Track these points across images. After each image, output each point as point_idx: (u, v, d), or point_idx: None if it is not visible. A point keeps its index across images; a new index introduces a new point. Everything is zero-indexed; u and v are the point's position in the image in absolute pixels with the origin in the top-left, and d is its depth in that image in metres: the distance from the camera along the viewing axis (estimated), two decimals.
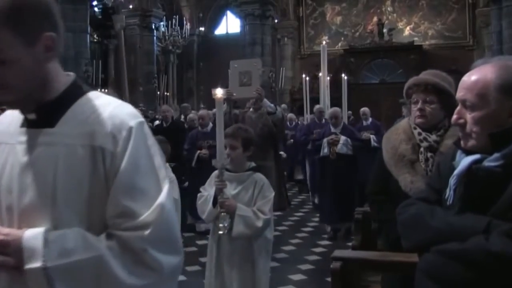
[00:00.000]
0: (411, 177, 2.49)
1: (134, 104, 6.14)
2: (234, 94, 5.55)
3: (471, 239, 1.42)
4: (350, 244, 4.43)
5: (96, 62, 14.82)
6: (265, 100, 5.57)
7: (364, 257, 2.37)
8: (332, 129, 7.04)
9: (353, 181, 6.93)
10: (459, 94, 1.61)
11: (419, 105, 2.55)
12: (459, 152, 1.64)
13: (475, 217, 1.48)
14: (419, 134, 2.56)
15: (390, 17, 20.16)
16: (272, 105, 5.62)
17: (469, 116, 1.56)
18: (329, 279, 2.38)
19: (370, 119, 9.89)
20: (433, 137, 2.53)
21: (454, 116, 1.62)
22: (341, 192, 6.83)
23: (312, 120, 9.71)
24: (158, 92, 19.00)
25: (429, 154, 2.52)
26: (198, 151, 7.10)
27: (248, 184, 3.26)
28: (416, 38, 19.51)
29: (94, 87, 13.57)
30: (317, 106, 9.28)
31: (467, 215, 1.51)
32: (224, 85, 18.84)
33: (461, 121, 1.59)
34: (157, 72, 19.07)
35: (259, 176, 3.32)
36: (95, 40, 18.62)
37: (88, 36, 14.25)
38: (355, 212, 3.30)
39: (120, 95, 17.69)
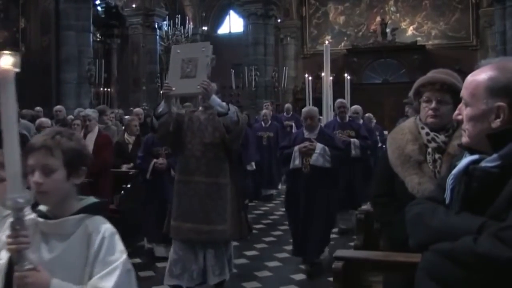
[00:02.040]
0: (418, 178, 2.43)
1: (137, 103, 6.06)
2: (173, 89, 4.21)
3: (460, 239, 1.44)
4: (352, 244, 4.42)
5: (99, 61, 14.82)
6: (214, 97, 4.21)
7: (366, 257, 2.37)
8: (306, 134, 5.54)
9: (331, 201, 5.49)
10: (461, 91, 1.66)
11: (433, 105, 2.47)
12: (465, 153, 1.66)
13: (471, 217, 1.50)
14: (427, 134, 2.49)
15: (393, 17, 20.12)
16: (223, 103, 4.29)
17: (464, 113, 1.62)
18: (331, 278, 2.38)
19: (361, 120, 8.43)
20: (441, 138, 2.46)
21: (455, 112, 1.67)
22: (316, 214, 5.37)
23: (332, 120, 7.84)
24: (161, 92, 18.99)
25: (437, 155, 2.46)
26: (154, 160, 5.89)
27: (77, 239, 1.74)
28: (419, 38, 19.48)
29: (97, 86, 13.50)
30: (337, 101, 7.58)
31: (464, 215, 1.52)
32: (228, 86, 18.41)
33: (460, 117, 1.64)
34: (160, 71, 19.08)
35: (98, 223, 1.78)
36: (98, 39, 18.64)
37: (91, 35, 14.29)
38: (358, 212, 3.29)
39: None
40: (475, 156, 1.56)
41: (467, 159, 1.58)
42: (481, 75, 1.58)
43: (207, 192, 4.35)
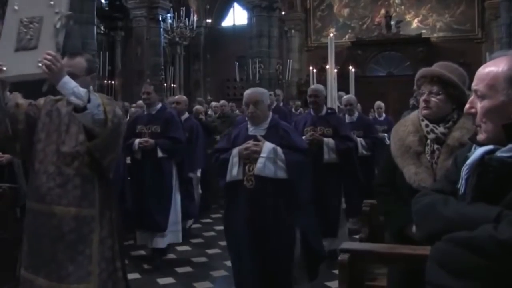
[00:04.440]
0: (415, 168, 2.49)
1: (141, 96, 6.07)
2: (4, 69, 2.60)
3: (480, 228, 1.43)
4: (357, 236, 4.43)
5: (103, 54, 14.85)
6: (67, 81, 2.61)
7: (372, 249, 2.37)
8: (251, 129, 3.85)
9: (287, 231, 3.71)
10: (473, 84, 1.63)
11: (424, 96, 2.55)
12: (474, 145, 1.65)
13: (487, 207, 1.49)
14: (427, 126, 2.55)
15: (397, 9, 20.02)
16: (81, 91, 2.62)
17: (479, 106, 1.58)
18: (336, 271, 2.38)
19: (357, 114, 7.09)
20: (440, 129, 2.52)
21: (467, 105, 1.64)
22: (264, 247, 3.67)
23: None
24: (165, 84, 19.01)
25: (435, 146, 2.52)
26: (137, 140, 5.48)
27: None
28: (424, 31, 19.38)
29: (101, 78, 13.58)
30: (309, 88, 5.86)
31: (478, 204, 1.52)
32: (232, 78, 18.47)
33: (473, 110, 1.61)
34: (164, 64, 19.07)
35: None
36: (102, 32, 18.63)
37: (95, 27, 14.28)
38: (363, 205, 3.29)
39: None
40: (490, 147, 1.55)
41: (482, 149, 1.57)
42: (499, 66, 1.55)
43: (62, 230, 2.79)
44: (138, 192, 5.56)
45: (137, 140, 5.52)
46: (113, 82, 17.82)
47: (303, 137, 5.07)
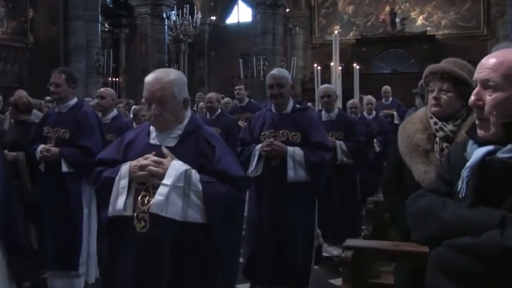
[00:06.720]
0: (424, 167, 2.43)
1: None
2: None
3: (485, 234, 1.38)
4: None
5: (107, 51, 14.85)
6: None
7: (376, 247, 2.36)
8: (152, 137, 2.42)
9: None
10: (480, 74, 1.52)
11: (434, 94, 2.48)
12: (470, 143, 1.58)
13: (489, 210, 1.44)
14: (435, 123, 2.49)
15: (402, 6, 19.95)
16: None
17: (489, 97, 1.47)
18: (340, 268, 2.38)
19: (337, 110, 5.41)
20: (449, 127, 2.46)
21: (472, 97, 1.53)
22: None
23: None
24: None
25: (444, 144, 2.46)
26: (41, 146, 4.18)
27: None
28: (429, 28, 19.30)
29: (106, 76, 13.54)
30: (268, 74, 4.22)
31: (480, 208, 1.46)
32: (236, 76, 18.49)
33: (480, 103, 1.51)
34: (168, 61, 19.08)
35: None
36: (106, 29, 18.66)
37: (99, 25, 14.30)
38: (367, 202, 3.27)
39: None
40: (490, 147, 1.47)
41: (482, 150, 1.49)
42: None
43: None
44: (40, 217, 4.27)
45: (40, 146, 4.18)
46: (117, 79, 17.84)
47: (259, 146, 3.77)
